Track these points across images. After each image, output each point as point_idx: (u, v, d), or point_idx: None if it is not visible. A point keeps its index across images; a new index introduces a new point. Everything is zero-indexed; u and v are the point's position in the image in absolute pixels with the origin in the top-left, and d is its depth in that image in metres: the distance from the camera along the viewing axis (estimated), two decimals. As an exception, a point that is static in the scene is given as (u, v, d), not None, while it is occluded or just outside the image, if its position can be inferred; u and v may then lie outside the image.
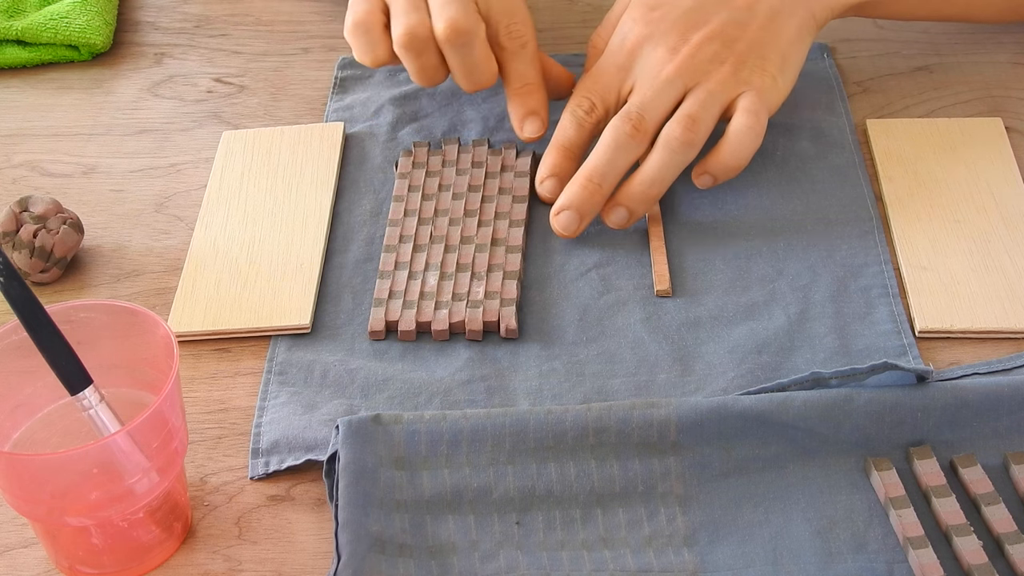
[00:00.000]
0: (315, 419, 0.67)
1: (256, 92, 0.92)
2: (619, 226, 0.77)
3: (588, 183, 0.75)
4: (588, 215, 0.76)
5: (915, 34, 0.94)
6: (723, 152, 0.76)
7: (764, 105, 0.77)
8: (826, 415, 0.63)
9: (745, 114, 0.76)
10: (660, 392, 0.68)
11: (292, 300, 0.74)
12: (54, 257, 0.75)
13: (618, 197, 0.76)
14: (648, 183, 0.75)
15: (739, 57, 0.77)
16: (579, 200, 0.76)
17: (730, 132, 0.76)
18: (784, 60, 0.79)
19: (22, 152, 0.88)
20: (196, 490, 0.65)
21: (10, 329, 0.60)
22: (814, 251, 0.76)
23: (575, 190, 0.76)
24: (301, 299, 0.74)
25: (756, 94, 0.76)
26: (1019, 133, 0.84)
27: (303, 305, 0.74)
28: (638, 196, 0.76)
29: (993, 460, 0.63)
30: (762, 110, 0.76)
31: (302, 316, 0.73)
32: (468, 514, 0.62)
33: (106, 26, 0.95)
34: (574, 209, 0.76)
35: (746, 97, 0.76)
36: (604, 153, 0.75)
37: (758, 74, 0.77)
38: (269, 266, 0.76)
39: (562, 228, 0.76)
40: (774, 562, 0.60)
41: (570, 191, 0.76)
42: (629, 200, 0.76)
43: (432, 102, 0.88)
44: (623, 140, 0.75)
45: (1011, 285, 0.73)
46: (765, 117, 0.77)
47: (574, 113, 0.78)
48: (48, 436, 0.61)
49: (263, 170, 0.83)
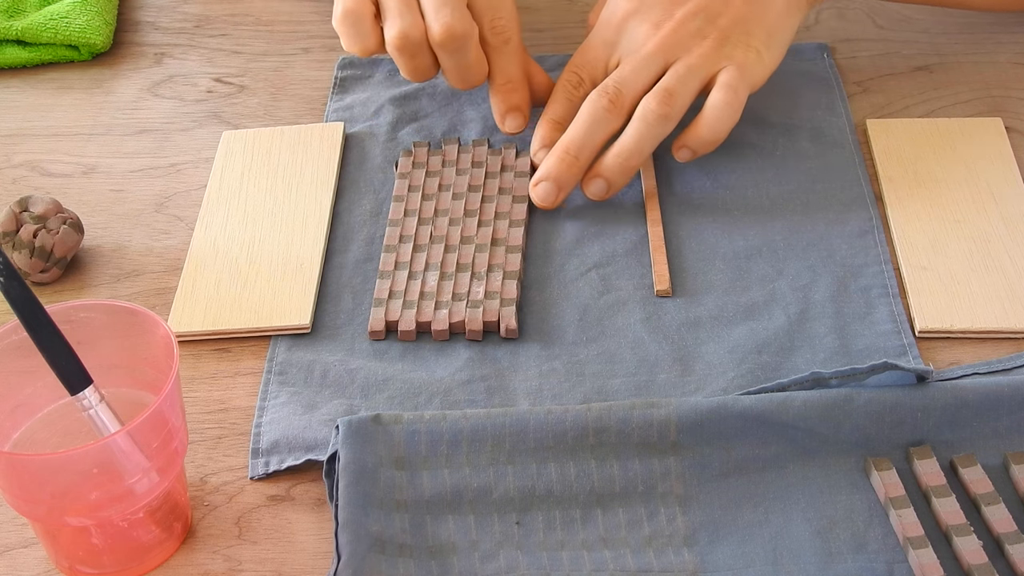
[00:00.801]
0: (315, 419, 0.67)
1: (256, 92, 0.92)
2: (598, 197, 0.78)
3: (565, 155, 0.77)
4: (566, 187, 0.78)
5: (915, 34, 0.94)
6: (700, 126, 0.77)
7: (745, 80, 0.77)
8: (826, 415, 0.63)
9: (723, 89, 0.77)
10: (660, 392, 0.68)
11: (292, 300, 0.74)
12: (54, 257, 0.75)
13: (596, 168, 0.78)
14: (625, 155, 0.77)
15: (722, 32, 0.78)
16: (556, 172, 0.77)
17: (707, 107, 0.77)
18: (770, 35, 0.79)
19: (22, 152, 0.88)
20: (196, 490, 0.65)
21: (10, 329, 0.60)
22: (814, 251, 0.76)
23: (553, 162, 0.77)
24: (301, 299, 0.74)
25: (737, 69, 0.77)
26: (1019, 133, 0.84)
27: (303, 305, 0.74)
28: (615, 168, 0.77)
29: (993, 460, 0.63)
30: (741, 85, 0.77)
31: (302, 316, 0.73)
32: (468, 514, 0.62)
33: (106, 26, 0.95)
34: (551, 180, 0.77)
35: (727, 72, 0.77)
36: (581, 126, 0.77)
37: (741, 49, 0.78)
38: (269, 266, 0.76)
39: (540, 200, 0.78)
40: (774, 562, 0.60)
41: (548, 163, 0.78)
42: (607, 171, 0.77)
43: (432, 102, 0.88)
44: (599, 114, 0.77)
45: (1011, 285, 0.73)
46: (744, 92, 0.77)
47: (563, 88, 0.80)
48: (48, 436, 0.61)
49: (263, 170, 0.83)
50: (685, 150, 0.78)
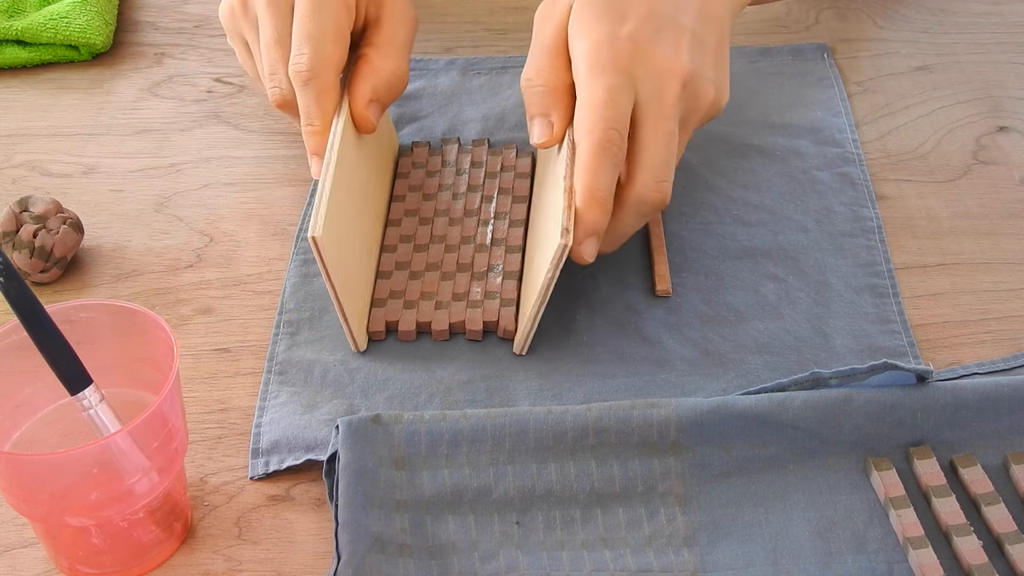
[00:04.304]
0: (315, 419, 0.67)
1: (256, 92, 0.91)
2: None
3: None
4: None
5: (915, 34, 0.94)
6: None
7: None
8: (826, 415, 0.63)
9: None
10: (660, 392, 0.68)
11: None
12: (54, 257, 0.75)
13: None
14: None
15: None
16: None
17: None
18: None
19: (22, 152, 0.88)
20: (196, 490, 0.65)
21: (10, 329, 0.60)
22: (814, 251, 0.76)
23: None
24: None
25: None
26: (1019, 133, 0.84)
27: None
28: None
29: (993, 460, 0.63)
30: None
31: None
32: (468, 514, 0.62)
33: (106, 26, 0.95)
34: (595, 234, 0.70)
35: None
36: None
37: None
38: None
39: (590, 257, 0.70)
40: (774, 562, 0.60)
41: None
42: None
43: (432, 102, 0.88)
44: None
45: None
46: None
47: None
48: (48, 436, 0.61)
49: (263, 170, 0.84)
50: None
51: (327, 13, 0.74)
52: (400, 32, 0.77)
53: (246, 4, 0.78)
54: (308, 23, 0.74)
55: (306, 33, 0.74)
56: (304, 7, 0.75)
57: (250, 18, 0.78)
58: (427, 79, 0.90)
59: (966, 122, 0.86)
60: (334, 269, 0.67)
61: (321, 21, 0.74)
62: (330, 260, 0.66)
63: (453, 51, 0.95)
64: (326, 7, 0.75)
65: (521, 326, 0.70)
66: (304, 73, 0.73)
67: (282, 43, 0.75)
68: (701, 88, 0.71)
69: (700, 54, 0.71)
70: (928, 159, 0.84)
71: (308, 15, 0.74)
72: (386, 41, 0.77)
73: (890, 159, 0.84)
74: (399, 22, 0.77)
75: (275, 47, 0.75)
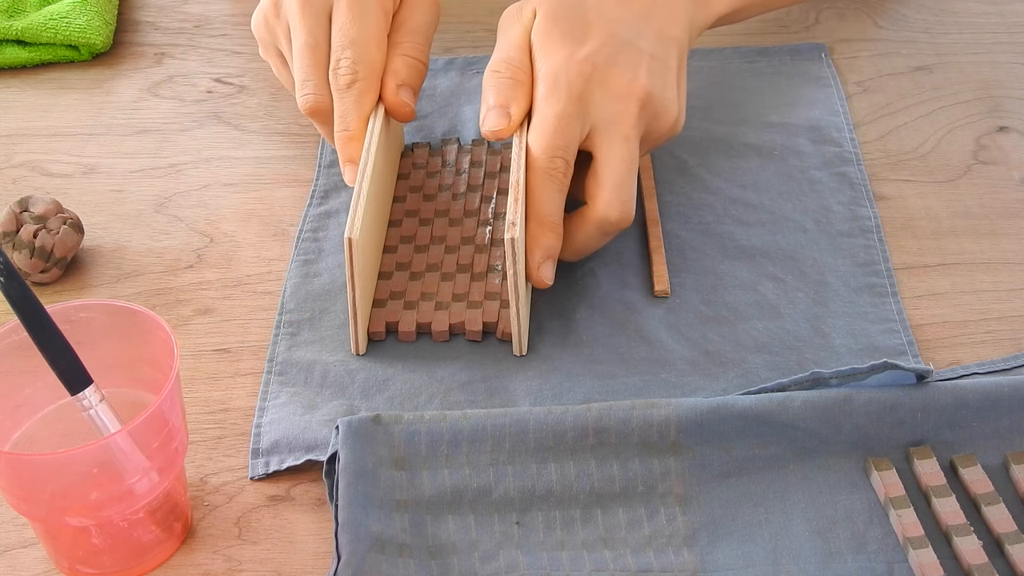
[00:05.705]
0: (315, 419, 0.67)
1: (256, 92, 0.92)
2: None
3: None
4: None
5: (915, 34, 0.94)
6: None
7: None
8: (826, 415, 0.63)
9: None
10: (660, 392, 0.68)
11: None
12: (54, 257, 0.75)
13: None
14: None
15: None
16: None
17: None
18: None
19: (22, 152, 0.88)
20: (196, 490, 0.65)
21: (10, 329, 0.60)
22: (813, 250, 0.76)
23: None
24: (301, 299, 0.74)
25: None
26: (1019, 133, 0.84)
27: None
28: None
29: (993, 460, 0.63)
30: None
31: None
32: (468, 514, 0.62)
33: (106, 26, 0.95)
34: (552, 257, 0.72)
35: None
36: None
37: None
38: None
39: (548, 280, 0.71)
40: (774, 562, 0.60)
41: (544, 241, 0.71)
42: None
43: (432, 103, 0.88)
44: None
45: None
46: None
47: None
48: (48, 436, 0.61)
49: (263, 170, 0.84)
50: None
51: (369, 17, 0.75)
52: (417, 16, 0.78)
53: (279, 11, 0.78)
54: (351, 28, 0.75)
55: (350, 38, 0.75)
56: (345, 12, 0.75)
57: (282, 24, 0.78)
58: (427, 79, 0.90)
59: (966, 122, 0.86)
60: (359, 272, 0.67)
61: (364, 26, 0.75)
62: (358, 263, 0.67)
63: (453, 51, 0.95)
64: (367, 11, 0.75)
65: (512, 327, 0.70)
66: (347, 77, 0.74)
67: (316, 49, 0.76)
68: (662, 109, 0.72)
69: (661, 76, 0.72)
70: (928, 159, 0.84)
71: (351, 20, 0.75)
72: (404, 25, 0.78)
73: (890, 159, 0.84)
74: (420, 10, 0.79)
75: (308, 52, 0.76)
